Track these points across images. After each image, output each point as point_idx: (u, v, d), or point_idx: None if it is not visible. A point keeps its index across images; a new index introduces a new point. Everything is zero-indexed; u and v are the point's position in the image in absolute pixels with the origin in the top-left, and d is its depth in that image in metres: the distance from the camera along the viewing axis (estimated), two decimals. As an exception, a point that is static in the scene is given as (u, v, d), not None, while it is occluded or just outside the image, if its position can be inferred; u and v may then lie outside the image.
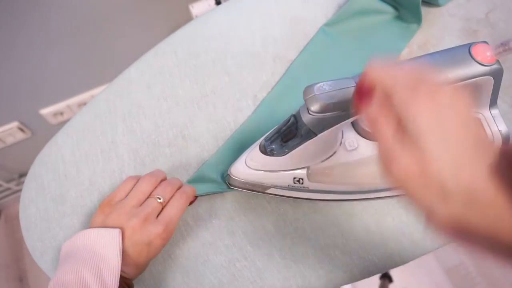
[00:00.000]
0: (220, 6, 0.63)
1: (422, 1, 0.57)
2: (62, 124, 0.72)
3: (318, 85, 0.35)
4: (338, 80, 0.35)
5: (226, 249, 0.47)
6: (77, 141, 0.54)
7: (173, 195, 0.43)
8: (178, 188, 0.45)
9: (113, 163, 0.52)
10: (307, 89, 0.35)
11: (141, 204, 0.42)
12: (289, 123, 0.39)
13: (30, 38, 0.86)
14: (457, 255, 1.26)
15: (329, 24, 0.59)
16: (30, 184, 0.53)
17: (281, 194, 0.46)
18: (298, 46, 0.58)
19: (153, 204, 0.41)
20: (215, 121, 0.54)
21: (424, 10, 0.57)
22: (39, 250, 0.49)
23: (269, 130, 0.43)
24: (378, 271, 0.45)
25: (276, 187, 0.45)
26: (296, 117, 0.39)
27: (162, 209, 0.42)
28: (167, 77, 0.57)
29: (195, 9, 0.95)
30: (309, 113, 0.35)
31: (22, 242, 1.35)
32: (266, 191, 0.46)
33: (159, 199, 0.42)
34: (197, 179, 0.50)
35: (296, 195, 0.46)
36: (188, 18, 0.98)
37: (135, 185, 0.44)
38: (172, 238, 0.47)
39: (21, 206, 0.52)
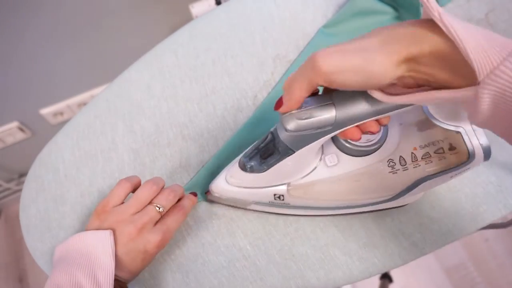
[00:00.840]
0: (220, 6, 0.63)
1: (422, 1, 0.57)
2: (62, 124, 0.72)
3: None
4: (315, 96, 0.34)
5: (226, 249, 0.47)
6: (77, 141, 0.54)
7: (173, 204, 0.43)
8: (180, 196, 0.44)
9: (113, 163, 0.52)
10: None
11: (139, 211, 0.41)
12: (267, 139, 0.39)
13: (30, 38, 0.86)
14: (457, 255, 1.26)
15: (328, 25, 0.59)
16: (30, 184, 0.53)
17: (262, 210, 0.46)
18: (298, 47, 0.58)
19: (152, 212, 0.40)
20: (215, 121, 0.54)
21: (424, 10, 0.57)
22: (39, 250, 0.49)
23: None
24: (378, 271, 0.45)
25: (257, 203, 0.45)
26: (273, 134, 0.38)
27: (161, 217, 0.42)
28: (167, 77, 0.57)
29: (195, 9, 0.95)
30: (286, 131, 0.34)
31: (22, 242, 1.36)
32: (248, 207, 0.46)
33: (159, 208, 0.41)
34: (197, 183, 0.50)
35: (277, 211, 0.46)
36: (188, 18, 0.98)
37: (131, 189, 0.43)
38: (172, 238, 0.47)
39: (21, 206, 0.52)
